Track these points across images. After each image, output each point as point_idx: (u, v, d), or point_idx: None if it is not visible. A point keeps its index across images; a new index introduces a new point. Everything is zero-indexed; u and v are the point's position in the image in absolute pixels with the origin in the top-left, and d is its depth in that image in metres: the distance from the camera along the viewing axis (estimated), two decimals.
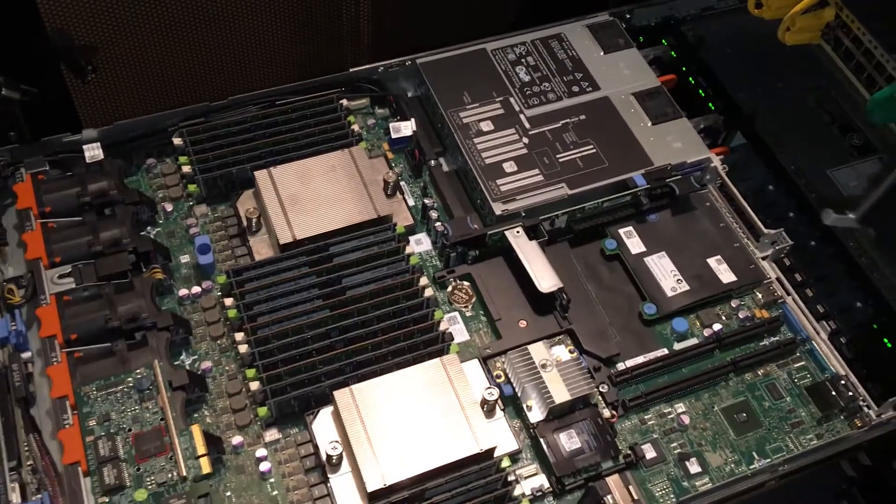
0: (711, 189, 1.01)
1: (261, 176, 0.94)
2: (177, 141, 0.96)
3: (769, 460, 0.84)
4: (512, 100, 1.02)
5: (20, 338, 0.81)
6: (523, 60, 1.06)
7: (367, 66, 1.05)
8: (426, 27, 1.21)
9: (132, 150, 0.97)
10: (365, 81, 1.06)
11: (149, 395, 0.80)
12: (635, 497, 0.80)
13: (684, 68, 1.16)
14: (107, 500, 0.74)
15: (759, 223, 0.97)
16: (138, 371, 0.81)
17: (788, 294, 0.95)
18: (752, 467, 0.84)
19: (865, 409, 0.88)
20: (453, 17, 1.24)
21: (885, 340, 0.95)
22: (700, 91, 1.14)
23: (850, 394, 0.87)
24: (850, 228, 0.99)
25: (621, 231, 0.97)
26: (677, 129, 1.02)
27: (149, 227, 0.93)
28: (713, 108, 1.12)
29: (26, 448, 0.76)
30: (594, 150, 0.98)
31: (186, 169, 0.94)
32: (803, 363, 0.91)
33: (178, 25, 1.08)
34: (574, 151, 0.98)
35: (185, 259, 0.91)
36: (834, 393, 0.88)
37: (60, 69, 1.04)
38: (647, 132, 1.01)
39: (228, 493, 0.78)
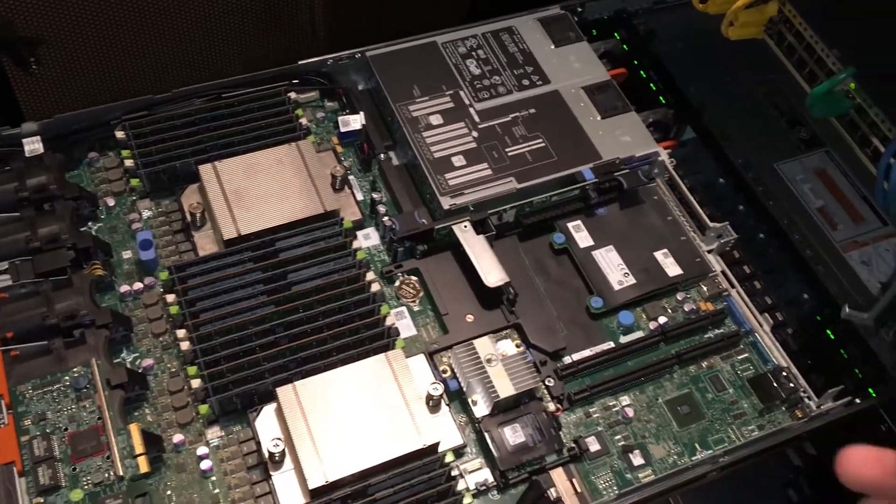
0: (659, 183, 1.02)
1: (205, 170, 0.92)
2: (119, 134, 0.94)
3: (711, 451, 0.85)
4: (462, 93, 1.02)
5: None
6: (474, 54, 1.06)
7: (317, 59, 1.04)
8: (379, 19, 1.20)
9: (74, 143, 0.95)
10: (314, 74, 1.04)
11: (86, 394, 0.78)
12: (578, 490, 0.80)
13: (636, 62, 1.16)
14: (42, 501, 0.73)
15: (705, 217, 0.98)
16: (75, 369, 0.79)
17: (733, 287, 0.96)
18: (694, 458, 0.85)
19: (806, 400, 0.89)
20: (407, 8, 1.24)
21: (829, 332, 0.96)
22: (651, 85, 1.15)
23: (791, 385, 0.89)
24: (795, 222, 1.00)
25: (570, 225, 0.97)
26: (626, 122, 1.02)
27: (90, 223, 0.92)
28: (664, 101, 1.13)
29: None
30: (543, 144, 0.98)
31: (129, 163, 0.93)
32: (746, 355, 0.92)
33: (124, 16, 1.06)
34: (523, 145, 0.98)
35: (127, 255, 0.90)
36: (775, 384, 0.89)
37: (2, 61, 1.02)
38: (596, 126, 1.01)
39: (169, 492, 0.77)
